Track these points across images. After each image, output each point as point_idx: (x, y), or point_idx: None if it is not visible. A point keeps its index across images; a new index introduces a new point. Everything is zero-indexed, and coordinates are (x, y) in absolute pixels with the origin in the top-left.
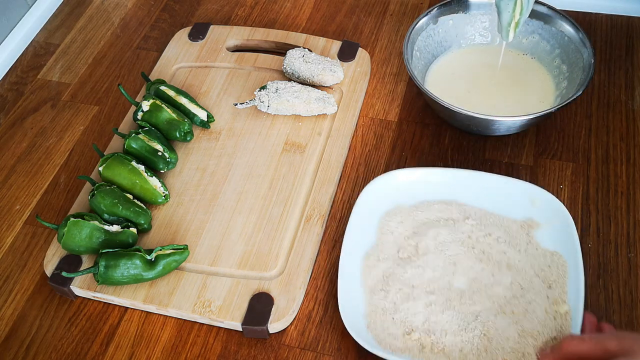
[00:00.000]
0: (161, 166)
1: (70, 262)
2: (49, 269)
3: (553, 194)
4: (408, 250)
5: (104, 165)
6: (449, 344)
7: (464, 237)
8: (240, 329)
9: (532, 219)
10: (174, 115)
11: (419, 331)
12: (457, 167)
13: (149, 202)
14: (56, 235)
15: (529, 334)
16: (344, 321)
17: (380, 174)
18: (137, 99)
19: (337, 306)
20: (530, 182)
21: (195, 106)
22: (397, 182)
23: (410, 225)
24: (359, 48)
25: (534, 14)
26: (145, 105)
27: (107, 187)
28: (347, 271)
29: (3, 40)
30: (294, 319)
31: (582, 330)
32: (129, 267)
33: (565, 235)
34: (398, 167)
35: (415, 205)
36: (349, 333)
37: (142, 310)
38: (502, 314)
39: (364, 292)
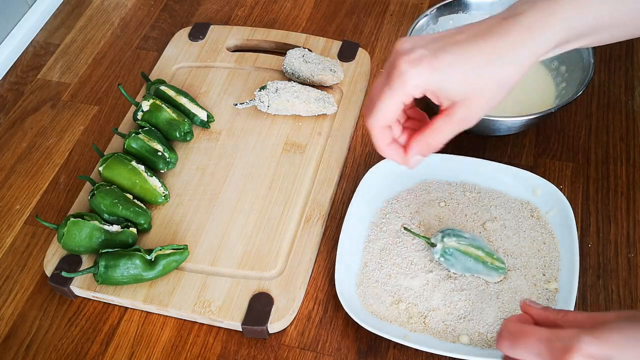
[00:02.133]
0: (161, 166)
1: (70, 262)
2: (49, 269)
3: None
4: (409, 227)
5: (104, 165)
6: (434, 316)
7: (463, 214)
8: (240, 329)
9: (532, 204)
10: (174, 115)
11: (407, 302)
12: None
13: (149, 202)
14: (56, 235)
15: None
16: (336, 284)
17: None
18: (137, 99)
19: (337, 306)
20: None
21: (195, 106)
22: (399, 166)
23: (414, 204)
24: (359, 48)
25: None
26: (145, 105)
27: (107, 187)
28: (348, 240)
29: (3, 40)
30: (294, 319)
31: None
32: (129, 267)
33: (563, 220)
34: None
35: (418, 186)
36: (348, 333)
37: (142, 310)
38: (490, 291)
39: (360, 262)
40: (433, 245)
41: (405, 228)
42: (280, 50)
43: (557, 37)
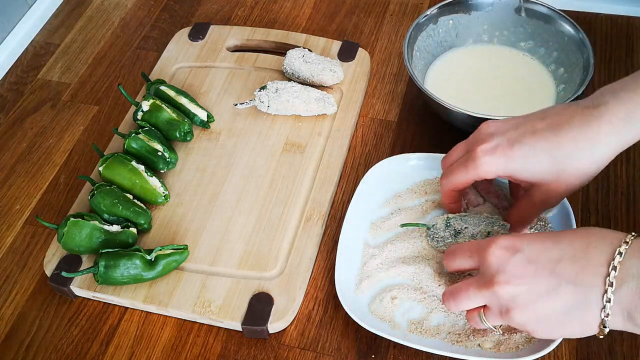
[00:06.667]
0: (161, 166)
1: (70, 262)
2: (49, 269)
3: None
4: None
5: (104, 165)
6: (435, 317)
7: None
8: (240, 329)
9: None
10: (174, 115)
11: (407, 302)
12: None
13: (149, 202)
14: (56, 235)
15: None
16: (336, 284)
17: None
18: (137, 99)
19: (337, 306)
20: None
21: (195, 106)
22: (404, 165)
23: (414, 204)
24: (359, 48)
25: (533, 14)
26: (145, 105)
27: (107, 187)
28: (348, 239)
29: (3, 40)
30: (294, 319)
31: None
32: (129, 267)
33: (563, 220)
34: None
35: (418, 186)
36: (348, 333)
37: (142, 310)
38: None
39: (360, 262)
40: (429, 228)
41: (402, 225)
42: (280, 50)
43: (638, 132)
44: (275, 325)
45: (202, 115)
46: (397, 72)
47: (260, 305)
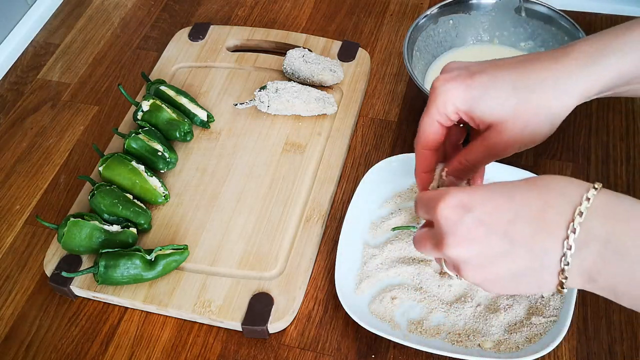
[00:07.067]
0: (161, 166)
1: (70, 262)
2: (49, 269)
3: None
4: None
5: (104, 165)
6: (434, 316)
7: None
8: (240, 329)
9: None
10: (174, 115)
11: (407, 302)
12: None
13: (149, 202)
14: (56, 235)
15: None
16: (336, 284)
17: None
18: (137, 99)
19: (337, 306)
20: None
21: (195, 106)
22: (404, 165)
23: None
24: (359, 48)
25: (534, 14)
26: (145, 105)
27: (107, 187)
28: (348, 239)
29: (3, 40)
30: (294, 319)
31: None
32: (129, 267)
33: None
34: None
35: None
36: (348, 333)
37: (142, 310)
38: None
39: (360, 262)
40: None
41: (394, 228)
42: (280, 50)
43: (608, 73)
44: (275, 325)
45: (202, 115)
46: (397, 72)
47: (260, 305)
